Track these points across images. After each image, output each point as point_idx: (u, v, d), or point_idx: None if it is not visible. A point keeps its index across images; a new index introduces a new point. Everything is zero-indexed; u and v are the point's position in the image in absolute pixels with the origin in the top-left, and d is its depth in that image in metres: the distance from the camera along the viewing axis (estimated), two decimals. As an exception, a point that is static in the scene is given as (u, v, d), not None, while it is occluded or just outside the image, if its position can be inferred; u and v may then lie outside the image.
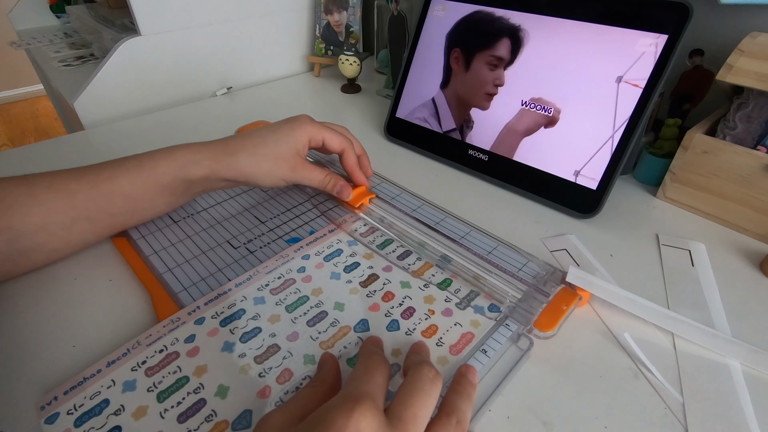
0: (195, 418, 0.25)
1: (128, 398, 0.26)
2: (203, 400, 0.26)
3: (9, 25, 1.14)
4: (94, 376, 0.27)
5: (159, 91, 0.68)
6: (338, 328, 0.30)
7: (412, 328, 0.31)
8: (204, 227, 0.40)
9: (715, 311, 0.33)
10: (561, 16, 0.44)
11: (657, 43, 0.39)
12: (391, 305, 0.32)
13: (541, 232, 0.42)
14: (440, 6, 0.53)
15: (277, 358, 0.28)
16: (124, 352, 0.29)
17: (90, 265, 0.37)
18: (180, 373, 0.27)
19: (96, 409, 0.25)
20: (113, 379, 0.27)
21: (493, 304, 0.33)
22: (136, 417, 0.25)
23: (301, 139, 0.38)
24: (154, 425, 0.25)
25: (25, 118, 2.64)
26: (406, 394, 0.21)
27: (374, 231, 0.40)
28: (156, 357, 0.28)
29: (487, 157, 0.49)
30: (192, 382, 0.27)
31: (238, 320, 0.31)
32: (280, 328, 0.30)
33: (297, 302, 0.32)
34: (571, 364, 0.30)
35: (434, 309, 0.32)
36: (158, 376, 0.27)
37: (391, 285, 0.34)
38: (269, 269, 0.35)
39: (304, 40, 0.82)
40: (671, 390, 0.28)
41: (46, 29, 1.12)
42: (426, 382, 0.22)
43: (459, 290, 0.34)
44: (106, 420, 0.25)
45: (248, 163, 0.36)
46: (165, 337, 0.30)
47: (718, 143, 0.41)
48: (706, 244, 0.40)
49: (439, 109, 0.47)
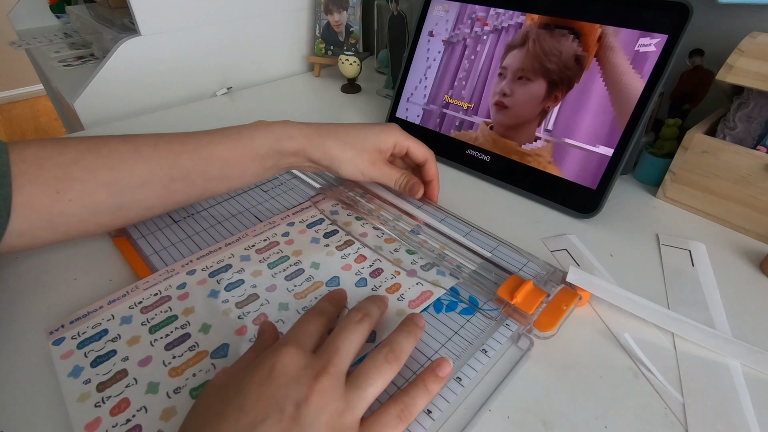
0: (180, 347, 0.30)
1: (124, 329, 0.31)
2: (188, 334, 0.30)
3: (9, 25, 1.14)
4: (96, 311, 0.32)
5: (159, 91, 0.68)
6: (312, 282, 0.35)
7: (378, 285, 0.34)
8: (204, 227, 0.40)
9: (715, 311, 0.33)
10: (561, 16, 0.44)
11: (657, 43, 0.39)
12: (361, 266, 0.36)
13: (542, 232, 0.42)
14: (440, 6, 0.53)
15: (256, 305, 0.32)
16: (124, 293, 0.33)
17: (90, 265, 0.37)
18: (170, 312, 0.32)
19: (96, 336, 0.30)
20: (112, 314, 0.32)
21: (456, 267, 0.36)
22: (129, 344, 0.30)
23: (388, 141, 0.40)
24: (144, 351, 0.29)
25: (25, 118, 2.64)
26: (334, 334, 0.25)
27: (375, 230, 0.40)
28: (151, 299, 0.33)
29: (488, 158, 0.49)
30: (180, 320, 0.31)
31: (225, 273, 0.35)
32: (261, 281, 0.34)
33: (278, 261, 0.36)
34: (571, 364, 0.30)
35: (400, 270, 0.36)
36: (151, 314, 0.32)
37: (364, 249, 0.38)
38: (257, 232, 0.39)
39: (304, 40, 0.82)
40: (671, 390, 0.28)
41: (46, 29, 1.12)
42: (351, 323, 0.25)
43: (424, 257, 0.37)
44: (104, 345, 0.30)
45: (335, 147, 0.38)
46: (160, 283, 0.34)
47: (718, 143, 0.41)
48: (706, 244, 0.40)
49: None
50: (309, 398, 0.21)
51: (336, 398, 0.22)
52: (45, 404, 0.27)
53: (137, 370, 0.28)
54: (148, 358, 0.29)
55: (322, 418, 0.21)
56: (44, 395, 0.27)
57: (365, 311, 0.27)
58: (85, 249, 0.39)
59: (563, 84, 0.38)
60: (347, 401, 0.22)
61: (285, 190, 0.46)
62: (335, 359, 0.23)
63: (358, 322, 0.26)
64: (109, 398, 0.26)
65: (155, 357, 0.29)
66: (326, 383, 0.22)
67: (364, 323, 0.26)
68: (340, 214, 0.42)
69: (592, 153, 0.42)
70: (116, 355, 0.29)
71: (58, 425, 0.26)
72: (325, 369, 0.22)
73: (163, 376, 0.28)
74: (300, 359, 0.23)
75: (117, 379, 0.27)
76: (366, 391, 0.23)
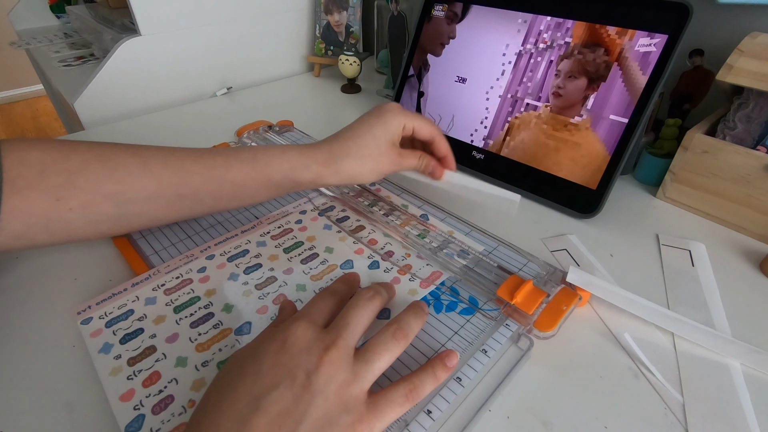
0: (204, 325, 0.31)
1: (150, 309, 0.32)
2: (212, 313, 0.32)
3: (9, 25, 1.14)
4: (121, 293, 0.33)
5: (159, 91, 0.68)
6: (327, 265, 0.36)
7: (390, 267, 0.36)
8: (204, 227, 0.40)
9: (715, 311, 0.33)
10: (562, 16, 0.44)
11: (657, 43, 0.39)
12: (374, 249, 0.38)
13: (542, 232, 0.42)
14: (440, 6, 0.53)
15: (274, 286, 0.34)
16: (146, 276, 0.35)
17: (90, 265, 0.37)
18: (193, 294, 0.33)
19: (123, 316, 0.32)
20: (137, 296, 0.33)
21: (463, 250, 0.38)
22: (156, 323, 0.31)
23: (396, 130, 0.38)
24: (170, 329, 0.31)
25: (25, 118, 2.64)
26: (344, 310, 0.26)
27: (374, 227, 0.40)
28: (173, 282, 0.34)
29: (488, 158, 0.49)
30: (203, 301, 0.33)
31: (242, 257, 0.37)
32: (278, 265, 0.36)
33: (293, 246, 0.38)
34: (571, 364, 0.30)
35: (410, 253, 0.38)
36: (175, 295, 0.33)
37: (375, 234, 0.40)
38: (271, 220, 0.41)
39: (304, 40, 0.82)
40: (671, 390, 0.28)
41: (46, 29, 1.12)
42: (362, 300, 0.27)
43: (434, 240, 0.39)
44: (131, 324, 0.31)
45: (353, 166, 0.37)
46: (181, 267, 0.36)
47: (718, 143, 0.41)
48: (706, 244, 0.40)
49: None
50: (319, 368, 0.22)
51: (344, 369, 0.23)
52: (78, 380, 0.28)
53: (165, 346, 0.30)
54: (175, 335, 0.30)
55: (331, 386, 0.22)
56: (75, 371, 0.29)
57: (376, 290, 0.28)
58: (85, 249, 0.38)
59: (598, 80, 0.43)
60: (355, 373, 0.23)
61: (285, 190, 0.46)
62: (344, 333, 0.24)
63: (368, 299, 0.27)
64: (140, 372, 0.28)
65: (182, 334, 0.30)
66: (335, 355, 0.23)
67: (375, 300, 0.27)
68: (350, 202, 0.44)
69: (616, 122, 0.42)
70: (144, 333, 0.30)
71: (95, 397, 0.27)
72: (334, 342, 0.23)
73: (191, 351, 0.29)
74: (311, 332, 0.24)
75: (146, 354, 0.29)
76: (373, 365, 0.24)
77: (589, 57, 0.42)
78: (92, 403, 0.27)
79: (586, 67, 0.42)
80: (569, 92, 0.44)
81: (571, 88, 0.44)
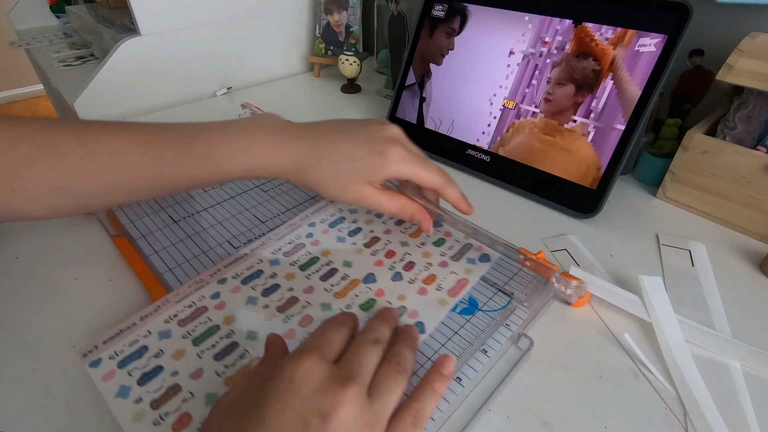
0: (230, 356, 0.29)
1: (165, 344, 0.29)
2: (236, 342, 0.29)
3: (9, 25, 1.14)
4: (130, 328, 0.30)
5: (159, 91, 0.68)
6: (349, 281, 0.34)
7: (414, 278, 0.35)
8: (204, 227, 0.40)
9: (715, 311, 0.33)
10: (562, 16, 0.44)
11: (657, 43, 0.39)
12: (393, 261, 0.36)
13: (542, 232, 0.42)
14: (440, 6, 0.53)
15: (297, 308, 0.32)
16: (155, 308, 0.32)
17: (90, 265, 0.37)
18: (211, 323, 0.31)
19: (136, 354, 0.29)
20: (149, 330, 0.30)
21: (484, 254, 0.37)
22: (175, 358, 0.28)
23: (380, 176, 0.33)
24: (193, 363, 0.28)
25: (25, 118, 2.63)
26: (352, 351, 0.24)
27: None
28: (186, 311, 0.32)
29: (488, 158, 0.49)
30: (223, 329, 0.30)
31: (258, 279, 0.34)
32: (296, 284, 0.34)
33: (309, 262, 0.36)
34: (571, 364, 0.30)
35: (432, 262, 0.36)
36: (191, 326, 0.30)
37: (392, 245, 0.38)
38: (280, 236, 0.39)
39: (304, 40, 0.82)
40: (671, 390, 0.28)
41: (46, 29, 1.12)
42: (367, 343, 0.25)
43: (452, 246, 0.38)
44: (148, 362, 0.28)
45: (316, 184, 0.34)
46: (192, 295, 0.33)
47: (718, 143, 0.41)
48: (706, 244, 0.40)
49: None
50: (337, 409, 0.19)
51: (364, 410, 0.21)
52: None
53: (190, 383, 0.27)
54: (199, 370, 0.28)
55: (353, 429, 0.20)
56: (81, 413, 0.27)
57: (377, 335, 0.26)
58: (85, 249, 0.39)
59: (587, 87, 0.43)
60: (374, 413, 0.21)
61: (285, 189, 0.46)
62: (359, 370, 0.22)
63: (373, 343, 0.25)
64: (167, 414, 0.25)
65: (206, 368, 0.28)
66: (354, 393, 0.20)
67: (378, 346, 0.25)
68: (359, 212, 0.42)
69: (609, 129, 0.42)
70: (164, 371, 0.28)
71: (95, 397, 0.26)
72: (351, 378, 0.21)
73: (220, 386, 0.27)
74: (323, 368, 0.21)
75: (171, 395, 0.26)
76: (388, 402, 0.22)
77: (577, 65, 0.42)
78: (92, 403, 0.27)
79: (574, 75, 0.43)
80: (558, 98, 0.44)
81: (560, 95, 0.44)
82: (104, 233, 0.40)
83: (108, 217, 0.41)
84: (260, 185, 0.47)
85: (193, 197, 0.44)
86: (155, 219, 0.41)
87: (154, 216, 0.42)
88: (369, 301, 0.33)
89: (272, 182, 0.47)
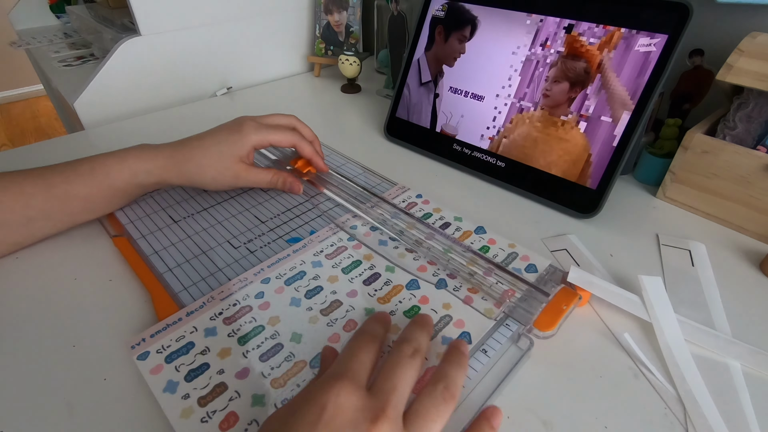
0: (275, 358, 0.29)
1: (211, 342, 0.30)
2: (280, 344, 0.30)
3: (9, 25, 1.14)
4: (176, 323, 0.31)
5: (159, 91, 0.68)
6: (392, 286, 0.34)
7: (459, 286, 0.34)
8: (204, 227, 0.40)
9: (716, 311, 0.33)
10: (563, 16, 0.44)
11: (657, 43, 0.39)
12: (437, 268, 0.36)
13: (542, 232, 0.42)
14: (440, 6, 0.53)
15: (341, 311, 0.32)
16: (201, 305, 0.32)
17: (90, 265, 0.37)
18: (256, 323, 0.31)
19: (183, 350, 0.29)
20: (195, 326, 0.31)
21: (530, 264, 0.36)
22: (221, 356, 0.29)
23: (244, 148, 0.40)
24: (238, 363, 0.28)
25: (25, 118, 2.63)
26: (387, 370, 0.23)
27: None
28: (231, 309, 0.32)
29: (488, 158, 0.49)
30: (267, 330, 0.31)
31: (300, 280, 0.35)
32: (340, 287, 0.34)
33: (351, 265, 0.36)
34: (571, 364, 0.30)
35: (476, 270, 0.35)
36: (236, 325, 0.31)
37: (434, 250, 0.37)
38: (321, 238, 0.39)
39: (304, 40, 0.82)
40: (671, 390, 0.28)
41: (46, 29, 1.12)
42: (404, 358, 0.23)
43: (497, 255, 0.38)
44: (194, 358, 0.29)
45: (194, 173, 0.40)
46: (236, 293, 0.33)
47: (718, 143, 0.41)
48: (706, 244, 0.40)
49: (421, 65, 0.56)
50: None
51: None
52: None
53: (236, 383, 0.27)
54: (245, 370, 0.28)
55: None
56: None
57: (416, 344, 0.25)
58: (85, 249, 0.39)
59: (579, 84, 0.44)
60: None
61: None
62: (393, 399, 0.21)
63: (411, 357, 0.24)
64: (214, 413, 0.25)
65: (252, 369, 0.28)
66: (386, 428, 0.20)
67: (417, 359, 0.24)
68: (400, 216, 0.42)
69: (601, 122, 0.42)
70: (210, 369, 0.28)
71: (95, 397, 0.27)
72: (383, 411, 0.20)
73: (267, 387, 0.27)
74: (355, 399, 0.20)
75: (217, 393, 0.26)
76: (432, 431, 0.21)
77: (570, 65, 0.44)
78: (92, 403, 0.27)
79: (568, 74, 0.44)
80: (554, 94, 0.45)
81: (556, 91, 0.45)
82: (104, 233, 0.40)
83: (108, 217, 0.41)
84: (260, 185, 0.47)
85: (193, 197, 0.44)
86: (155, 219, 0.41)
87: (154, 216, 0.42)
88: (413, 308, 0.32)
89: (272, 182, 0.47)
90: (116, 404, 0.27)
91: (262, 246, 0.38)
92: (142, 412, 0.26)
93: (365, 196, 0.44)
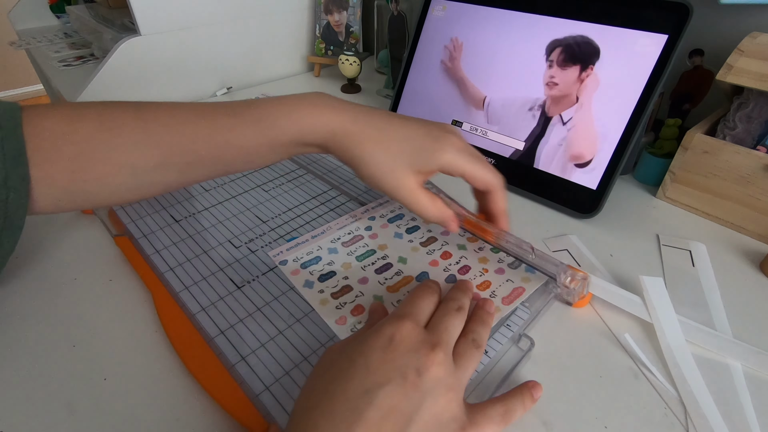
0: (387, 272, 0.35)
1: (334, 257, 0.37)
2: (390, 263, 0.36)
3: (9, 25, 1.14)
4: (306, 242, 0.38)
5: (159, 91, 0.68)
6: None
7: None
8: (205, 227, 0.40)
9: (716, 311, 0.33)
10: (563, 16, 0.44)
11: (657, 43, 0.39)
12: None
13: (542, 232, 0.42)
14: (440, 6, 0.53)
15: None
16: (322, 231, 0.40)
17: (90, 265, 0.37)
18: (368, 247, 0.38)
19: (314, 260, 0.36)
20: (320, 245, 0.38)
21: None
22: (344, 268, 0.36)
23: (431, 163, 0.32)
24: (359, 273, 0.35)
25: (24, 118, 2.63)
26: (438, 318, 0.27)
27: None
28: (346, 237, 0.39)
29: (488, 158, 0.49)
30: (378, 253, 0.37)
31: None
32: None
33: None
34: (571, 364, 0.30)
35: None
36: (352, 248, 0.38)
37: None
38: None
39: (304, 40, 0.82)
40: (671, 390, 0.28)
41: (46, 29, 1.12)
42: (452, 311, 0.28)
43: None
44: (323, 267, 0.36)
45: (360, 159, 0.32)
46: (349, 225, 0.40)
47: (718, 143, 0.41)
48: (706, 244, 0.40)
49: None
50: (429, 368, 0.23)
51: (449, 373, 0.23)
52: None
53: (359, 286, 0.34)
54: (365, 278, 0.34)
55: (439, 389, 0.22)
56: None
57: (460, 302, 0.29)
58: (85, 249, 0.39)
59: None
60: (457, 378, 0.24)
61: (287, 189, 0.46)
62: (445, 336, 0.25)
63: (456, 311, 0.28)
64: (345, 304, 0.32)
65: (371, 278, 0.34)
66: (441, 357, 0.23)
67: (461, 312, 0.28)
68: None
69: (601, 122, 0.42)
70: (337, 275, 0.35)
71: (95, 396, 0.27)
72: (439, 344, 0.24)
73: (384, 291, 0.33)
74: (417, 333, 0.24)
75: (345, 291, 0.33)
76: (468, 371, 0.25)
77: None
78: (92, 403, 0.27)
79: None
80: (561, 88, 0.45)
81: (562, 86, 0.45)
82: (104, 233, 0.40)
83: (109, 217, 0.41)
84: (261, 185, 0.47)
85: (194, 197, 0.44)
86: (156, 218, 0.41)
87: (155, 215, 0.42)
88: None
89: (273, 182, 0.47)
90: (116, 404, 0.27)
91: (263, 246, 0.38)
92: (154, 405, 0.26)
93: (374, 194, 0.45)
